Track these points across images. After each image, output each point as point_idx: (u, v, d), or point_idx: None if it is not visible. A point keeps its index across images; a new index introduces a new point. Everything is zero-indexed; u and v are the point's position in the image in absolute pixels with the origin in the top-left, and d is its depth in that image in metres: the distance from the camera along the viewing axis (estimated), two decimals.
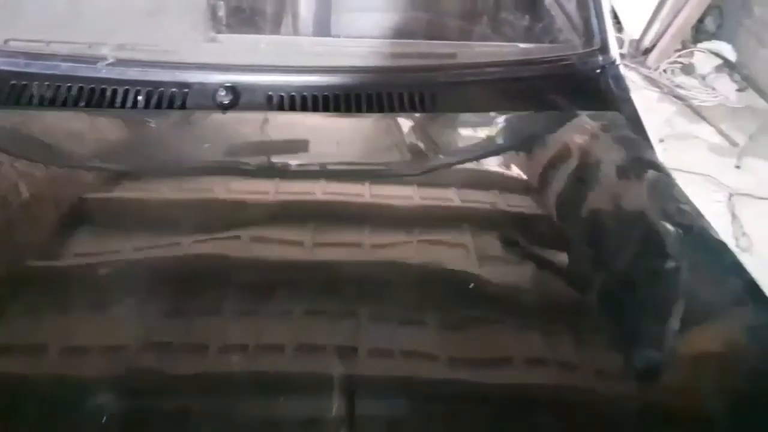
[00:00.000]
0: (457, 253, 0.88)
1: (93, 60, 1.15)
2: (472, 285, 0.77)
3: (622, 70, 1.27)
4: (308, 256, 0.86)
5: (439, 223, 0.92)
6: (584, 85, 1.23)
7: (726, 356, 0.76)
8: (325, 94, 1.14)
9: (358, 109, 1.13)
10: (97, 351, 0.72)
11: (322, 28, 1.47)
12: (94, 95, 1.11)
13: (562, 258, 0.90)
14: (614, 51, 1.27)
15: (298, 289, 0.80)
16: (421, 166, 1.06)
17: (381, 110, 1.13)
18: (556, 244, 0.91)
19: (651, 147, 1.11)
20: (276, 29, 1.46)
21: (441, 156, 1.11)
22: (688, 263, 0.84)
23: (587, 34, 1.27)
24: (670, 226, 0.88)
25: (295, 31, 1.48)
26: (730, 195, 2.73)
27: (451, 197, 0.98)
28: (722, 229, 2.47)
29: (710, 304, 0.81)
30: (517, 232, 0.92)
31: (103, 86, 1.12)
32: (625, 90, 1.23)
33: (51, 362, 0.71)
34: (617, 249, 0.89)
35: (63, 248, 0.86)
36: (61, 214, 0.92)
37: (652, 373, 0.73)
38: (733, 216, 2.60)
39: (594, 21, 1.27)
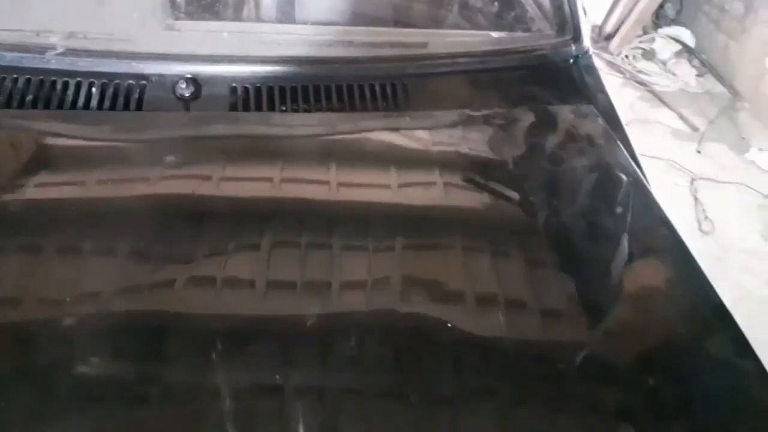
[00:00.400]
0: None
1: (41, 50, 1.07)
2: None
3: (595, 59, 1.25)
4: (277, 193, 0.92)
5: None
6: (557, 75, 1.21)
7: (652, 296, 0.86)
8: (293, 85, 1.09)
9: (328, 100, 1.09)
10: (69, 292, 0.74)
11: (287, 14, 1.41)
12: (43, 88, 1.04)
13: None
14: (587, 40, 1.25)
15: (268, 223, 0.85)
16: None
17: (351, 101, 1.09)
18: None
19: (626, 140, 1.09)
20: (238, 15, 1.40)
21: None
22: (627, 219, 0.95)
23: (560, 22, 1.25)
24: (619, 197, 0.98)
25: (259, 18, 1.42)
26: (692, 179, 2.78)
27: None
28: (685, 213, 2.52)
29: (642, 249, 0.91)
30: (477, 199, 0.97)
31: (53, 78, 1.05)
32: (598, 80, 1.21)
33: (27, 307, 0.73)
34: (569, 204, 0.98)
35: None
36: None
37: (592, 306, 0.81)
38: (696, 200, 2.64)
39: (566, 9, 1.25)
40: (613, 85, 3.74)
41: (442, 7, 1.41)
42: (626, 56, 3.78)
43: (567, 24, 1.24)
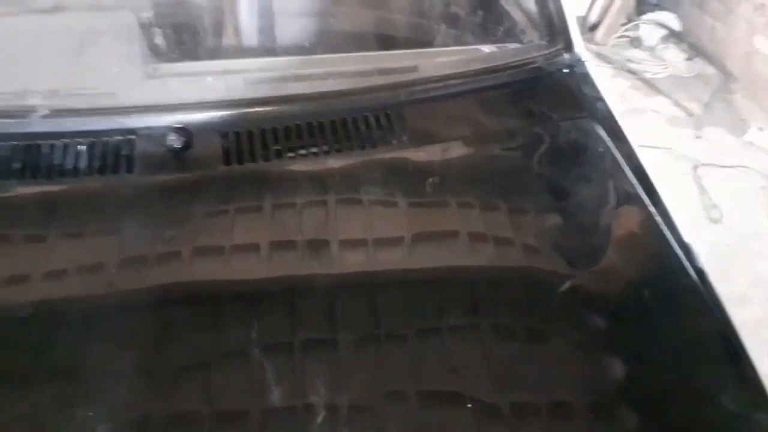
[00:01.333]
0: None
1: (23, 113, 1.04)
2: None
3: (590, 67, 1.22)
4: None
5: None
6: (553, 88, 1.18)
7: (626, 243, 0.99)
8: (287, 125, 1.06)
9: (322, 137, 1.06)
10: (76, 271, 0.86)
11: (270, 47, 1.39)
12: (30, 152, 1.01)
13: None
14: (579, 48, 1.22)
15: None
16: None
17: (347, 136, 1.06)
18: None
19: (630, 149, 1.07)
20: (218, 53, 1.37)
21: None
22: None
23: (550, 33, 1.22)
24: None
25: (241, 54, 1.39)
26: (695, 166, 2.74)
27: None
28: (692, 202, 2.48)
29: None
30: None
31: (39, 142, 1.02)
32: (594, 89, 1.18)
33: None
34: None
35: None
36: None
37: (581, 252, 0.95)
38: (701, 188, 2.61)
39: (555, 18, 1.22)
40: (604, 77, 3.70)
41: (429, 26, 1.38)
42: (613, 46, 3.76)
43: (557, 34, 1.21)
